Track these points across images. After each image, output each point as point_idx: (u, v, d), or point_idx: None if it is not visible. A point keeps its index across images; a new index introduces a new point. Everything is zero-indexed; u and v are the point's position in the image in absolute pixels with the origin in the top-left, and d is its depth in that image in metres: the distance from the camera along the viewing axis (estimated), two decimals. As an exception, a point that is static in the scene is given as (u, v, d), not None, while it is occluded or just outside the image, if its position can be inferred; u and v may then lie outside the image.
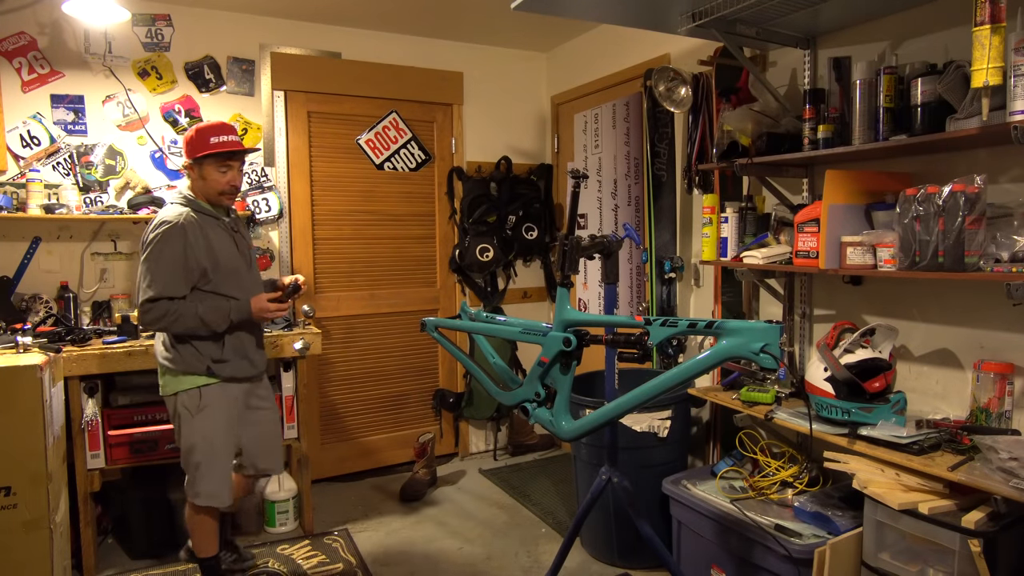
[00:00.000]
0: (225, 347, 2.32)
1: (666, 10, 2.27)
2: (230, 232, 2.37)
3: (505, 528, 3.15)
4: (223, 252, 2.31)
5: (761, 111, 2.43)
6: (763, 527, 2.10)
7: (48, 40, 3.07)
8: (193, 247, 2.22)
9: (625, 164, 3.51)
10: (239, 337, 2.35)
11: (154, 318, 2.20)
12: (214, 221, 2.33)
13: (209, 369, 2.30)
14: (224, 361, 2.32)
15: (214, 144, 2.27)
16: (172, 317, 2.20)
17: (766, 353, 1.55)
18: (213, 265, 2.27)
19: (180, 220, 2.23)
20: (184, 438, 2.33)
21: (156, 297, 2.19)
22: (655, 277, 3.15)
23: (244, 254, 2.41)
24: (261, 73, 3.50)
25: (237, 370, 2.36)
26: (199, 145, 2.28)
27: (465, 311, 2.47)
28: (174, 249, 2.20)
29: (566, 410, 2.05)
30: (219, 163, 2.29)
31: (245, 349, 2.38)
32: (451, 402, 3.95)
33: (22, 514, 2.09)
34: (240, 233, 2.44)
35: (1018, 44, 1.58)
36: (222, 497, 2.37)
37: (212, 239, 2.28)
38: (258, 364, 2.46)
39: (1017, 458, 1.65)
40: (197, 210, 2.30)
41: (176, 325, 2.22)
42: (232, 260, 2.34)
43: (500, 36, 3.92)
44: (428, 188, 3.96)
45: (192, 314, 2.21)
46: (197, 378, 2.30)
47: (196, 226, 2.26)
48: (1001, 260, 1.72)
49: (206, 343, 2.29)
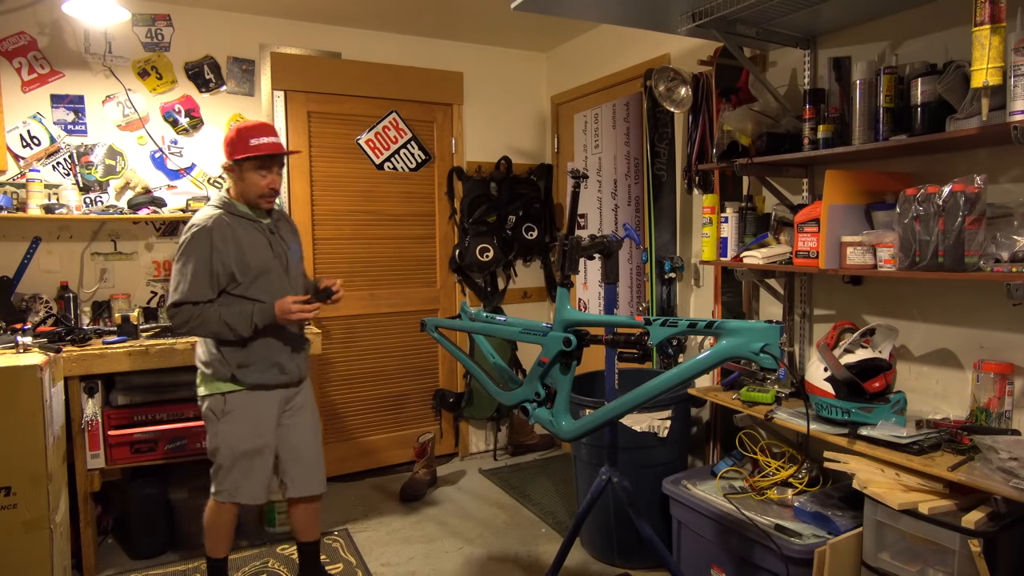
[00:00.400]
0: (251, 353, 2.26)
1: (666, 10, 2.27)
2: (266, 234, 2.31)
3: (505, 528, 3.15)
4: (253, 255, 2.25)
5: (761, 111, 2.43)
6: (763, 527, 2.10)
7: (48, 40, 3.07)
8: (220, 251, 2.18)
9: (625, 164, 3.51)
10: (267, 343, 2.28)
11: (180, 322, 2.18)
12: (249, 223, 2.28)
13: (233, 376, 2.25)
14: (249, 367, 2.26)
15: (253, 146, 2.22)
16: (196, 321, 2.17)
17: (766, 353, 1.55)
18: (242, 268, 2.22)
19: (208, 223, 2.20)
20: (209, 440, 2.32)
21: (181, 301, 2.17)
22: (655, 277, 3.15)
23: (280, 257, 2.33)
24: (261, 73, 3.50)
25: (264, 377, 2.29)
26: (239, 147, 2.23)
27: (465, 311, 2.47)
28: (200, 253, 2.17)
29: (566, 410, 2.05)
30: (258, 165, 2.24)
31: (274, 356, 2.30)
32: (451, 402, 3.95)
33: (22, 514, 2.09)
34: (279, 235, 2.36)
35: (1018, 44, 1.58)
36: (253, 495, 2.32)
37: (243, 242, 2.23)
38: (290, 372, 2.35)
39: (1017, 458, 1.65)
40: (232, 212, 2.26)
41: (201, 329, 2.19)
42: (264, 263, 2.27)
43: (500, 36, 3.92)
44: (428, 188, 3.96)
45: (216, 319, 2.17)
46: (222, 384, 2.27)
47: (226, 229, 2.21)
48: (1001, 260, 1.72)
49: (232, 349, 2.24)
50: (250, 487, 2.32)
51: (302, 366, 2.43)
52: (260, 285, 2.26)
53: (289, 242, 2.41)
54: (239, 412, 2.27)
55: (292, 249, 2.41)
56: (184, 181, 3.34)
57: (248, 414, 2.29)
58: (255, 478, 2.32)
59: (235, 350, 2.25)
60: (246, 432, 2.29)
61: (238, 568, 2.76)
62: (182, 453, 2.80)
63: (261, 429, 2.31)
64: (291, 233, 2.45)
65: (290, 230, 2.46)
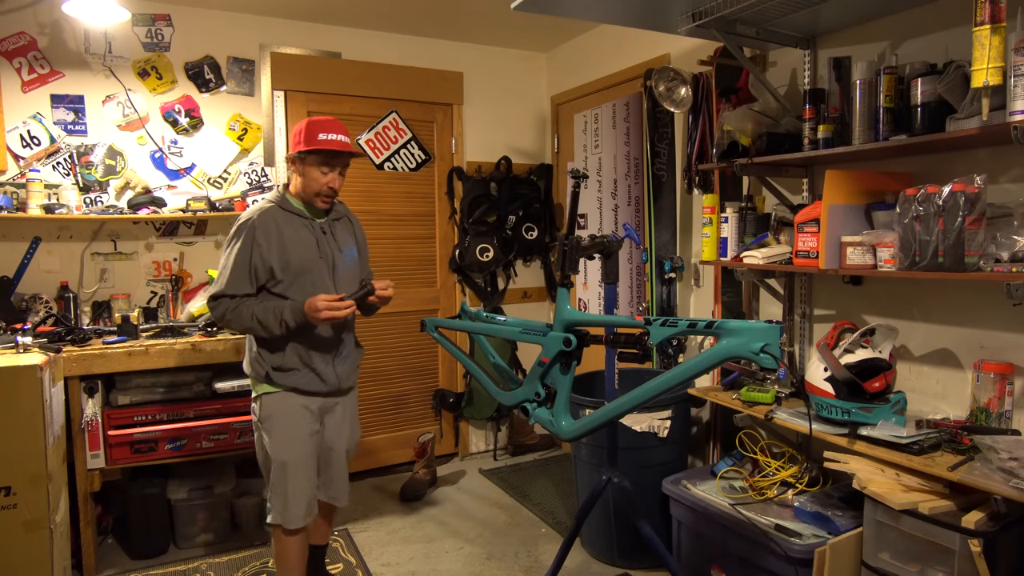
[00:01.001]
0: (287, 355, 2.16)
1: (666, 10, 2.27)
2: (316, 233, 2.21)
3: (505, 528, 3.15)
4: (296, 253, 2.15)
5: (761, 111, 2.43)
6: (763, 527, 2.10)
7: (48, 40, 3.07)
8: (261, 245, 2.11)
9: (625, 164, 3.51)
10: (302, 347, 2.17)
11: (218, 315, 2.14)
12: (299, 220, 2.19)
13: (268, 376, 2.17)
14: (283, 370, 2.16)
15: (321, 141, 2.13)
16: (232, 315, 2.12)
17: (766, 353, 1.55)
18: (283, 265, 2.14)
19: (253, 217, 2.14)
20: (257, 450, 2.26)
21: (219, 294, 2.13)
22: (655, 277, 3.15)
23: (326, 257, 2.22)
24: (261, 73, 3.50)
25: (301, 382, 2.18)
26: (306, 139, 2.14)
27: (465, 311, 2.47)
28: (241, 246, 2.11)
29: (566, 410, 2.05)
30: (321, 161, 2.16)
31: (312, 361, 2.19)
32: (451, 402, 3.95)
33: (22, 514, 2.09)
34: (330, 235, 2.25)
35: (1018, 44, 1.58)
36: (290, 517, 2.18)
37: (286, 238, 2.14)
38: (329, 380, 2.22)
39: (1017, 458, 1.65)
40: (283, 208, 2.19)
41: (235, 324, 2.14)
42: (306, 262, 2.17)
43: (500, 36, 3.92)
44: (428, 188, 3.96)
45: (248, 314, 2.11)
46: (261, 385, 2.20)
47: (271, 224, 2.14)
48: (1001, 260, 1.72)
49: (268, 350, 2.17)
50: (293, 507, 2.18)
51: (343, 376, 2.29)
52: (300, 284, 2.17)
53: (342, 243, 2.29)
54: (276, 418, 2.18)
55: (345, 251, 2.29)
56: (184, 181, 3.34)
57: (284, 422, 2.18)
58: (296, 496, 2.18)
59: (271, 352, 2.17)
60: (283, 441, 2.17)
61: (238, 568, 2.76)
62: (182, 453, 2.80)
63: (299, 439, 2.19)
64: (348, 234, 2.34)
65: (348, 231, 2.35)
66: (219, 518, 3.02)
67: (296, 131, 2.18)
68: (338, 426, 2.33)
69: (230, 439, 2.87)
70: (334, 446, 2.33)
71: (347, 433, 2.37)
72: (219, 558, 2.86)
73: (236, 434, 2.87)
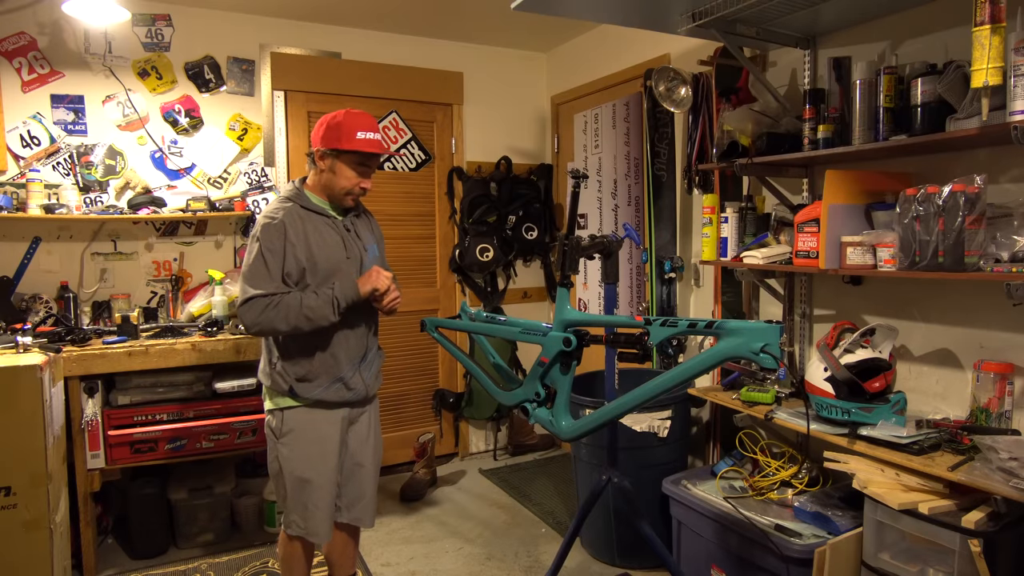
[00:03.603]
0: (313, 365, 2.02)
1: (666, 10, 2.27)
2: (340, 232, 2.09)
3: (505, 528, 3.15)
4: (322, 254, 2.03)
5: (761, 111, 2.43)
6: (763, 527, 2.10)
7: (48, 40, 3.07)
8: (294, 244, 1.98)
9: (625, 164, 3.51)
10: (332, 355, 2.05)
11: (252, 319, 1.92)
12: (322, 219, 2.06)
13: (292, 390, 2.02)
14: (309, 381, 2.03)
15: (360, 140, 2.00)
16: (272, 311, 1.91)
17: (766, 353, 1.55)
18: (311, 267, 2.01)
19: (279, 215, 1.99)
20: (269, 462, 2.11)
21: (252, 296, 1.93)
22: (655, 277, 3.15)
23: (354, 258, 2.10)
24: (261, 73, 3.50)
25: (326, 393, 2.04)
26: (343, 136, 2.00)
27: (465, 311, 2.47)
28: (273, 245, 1.96)
29: (566, 410, 2.05)
30: (359, 161, 2.04)
31: (340, 369, 2.06)
32: (451, 402, 3.95)
33: (22, 514, 2.09)
34: (354, 233, 2.13)
35: (1018, 44, 1.58)
36: (313, 531, 2.08)
37: (312, 239, 2.02)
38: (355, 388, 2.09)
39: (1017, 458, 1.65)
40: (304, 206, 2.05)
41: (278, 321, 1.92)
42: (334, 263, 2.05)
43: (500, 36, 3.92)
44: (428, 188, 3.96)
45: (296, 304, 1.92)
46: (281, 399, 2.05)
47: (299, 223, 2.01)
48: (1001, 260, 1.72)
49: (292, 361, 2.02)
50: (315, 523, 2.08)
51: (370, 383, 2.16)
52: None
53: (366, 242, 2.17)
54: (298, 434, 2.05)
55: (369, 249, 2.17)
56: (184, 181, 3.34)
57: (308, 437, 2.05)
58: (318, 512, 2.08)
59: (295, 362, 2.03)
60: (306, 457, 2.05)
61: (238, 568, 2.76)
62: (182, 453, 2.80)
63: (324, 455, 2.07)
64: (368, 231, 2.21)
65: (369, 229, 2.22)
66: (219, 518, 3.02)
67: (329, 124, 2.03)
68: (364, 439, 2.20)
69: (230, 439, 2.87)
70: (363, 462, 2.19)
71: (373, 446, 2.23)
72: (219, 558, 2.86)
73: (236, 434, 2.87)
